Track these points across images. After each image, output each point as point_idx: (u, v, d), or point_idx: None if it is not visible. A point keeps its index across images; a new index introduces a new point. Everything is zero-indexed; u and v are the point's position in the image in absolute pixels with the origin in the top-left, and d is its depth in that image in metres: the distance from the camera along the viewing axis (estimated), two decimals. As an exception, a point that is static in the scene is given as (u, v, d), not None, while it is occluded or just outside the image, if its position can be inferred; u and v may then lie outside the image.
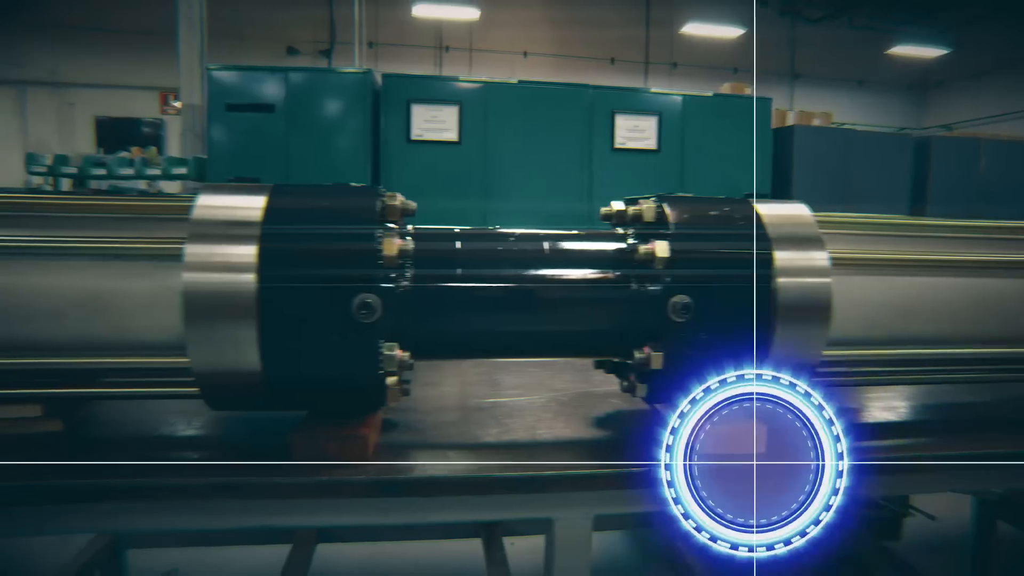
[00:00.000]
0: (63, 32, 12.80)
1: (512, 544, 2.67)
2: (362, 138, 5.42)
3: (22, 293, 1.11)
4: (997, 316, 1.41)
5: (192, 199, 1.12)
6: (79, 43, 12.97)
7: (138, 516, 1.14)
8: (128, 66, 13.01)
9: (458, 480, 1.10)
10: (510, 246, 1.28)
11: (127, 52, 12.93)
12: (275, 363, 1.06)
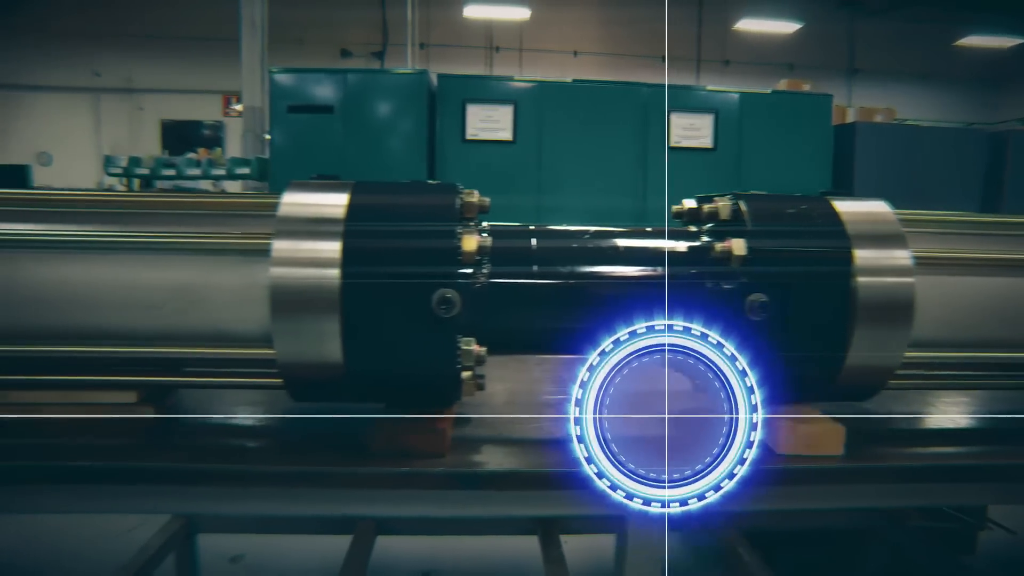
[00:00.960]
0: (136, 41, 13.48)
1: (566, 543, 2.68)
2: (418, 138, 5.51)
3: (122, 285, 1.17)
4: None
5: (278, 196, 1.17)
6: (150, 51, 13.63)
7: (223, 501, 1.18)
8: (193, 71, 13.59)
9: (535, 475, 1.11)
10: (584, 243, 1.28)
11: (192, 58, 13.51)
12: (356, 356, 1.09)
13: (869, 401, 1.38)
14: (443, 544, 3.05)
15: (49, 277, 1.19)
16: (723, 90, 6.26)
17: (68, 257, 1.19)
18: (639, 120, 5.88)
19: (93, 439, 1.22)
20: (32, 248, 1.20)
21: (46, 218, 1.25)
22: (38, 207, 1.29)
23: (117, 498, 1.19)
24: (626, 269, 1.29)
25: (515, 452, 1.21)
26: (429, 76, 5.72)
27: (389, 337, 1.09)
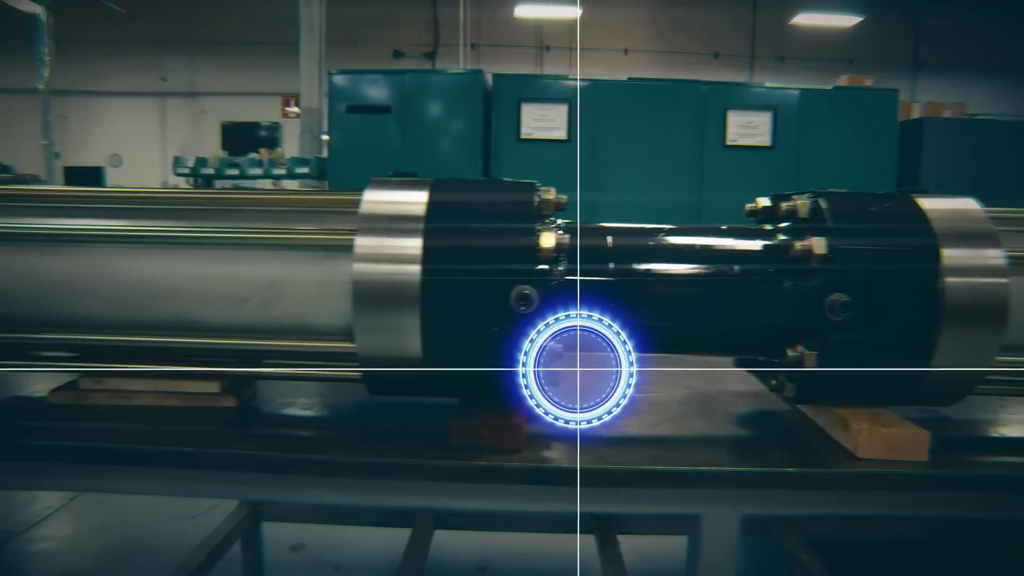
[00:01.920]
0: (200, 47, 14.07)
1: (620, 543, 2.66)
2: (473, 137, 5.56)
3: (210, 279, 1.23)
4: None
5: (359, 194, 1.20)
6: (212, 56, 14.20)
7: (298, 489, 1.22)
8: (252, 74, 14.07)
9: (608, 472, 1.11)
10: (660, 241, 1.27)
11: (252, 62, 13.99)
12: (435, 351, 1.11)
13: (955, 407, 1.33)
14: (497, 540, 3.07)
15: (142, 271, 1.25)
16: (782, 87, 6.11)
17: (160, 252, 1.25)
18: (695, 118, 5.80)
19: (177, 426, 1.27)
20: (127, 243, 1.26)
21: (139, 215, 1.31)
22: (131, 204, 1.35)
23: (195, 483, 1.25)
24: (700, 267, 1.27)
25: (586, 449, 1.21)
26: (484, 76, 5.77)
27: (467, 332, 1.10)
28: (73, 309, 1.28)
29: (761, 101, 5.95)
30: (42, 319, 1.29)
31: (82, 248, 1.27)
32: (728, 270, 1.26)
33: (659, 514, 1.21)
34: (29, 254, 1.28)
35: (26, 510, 3.77)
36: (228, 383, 1.37)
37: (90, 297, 1.27)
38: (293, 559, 3.23)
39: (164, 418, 1.29)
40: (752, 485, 1.15)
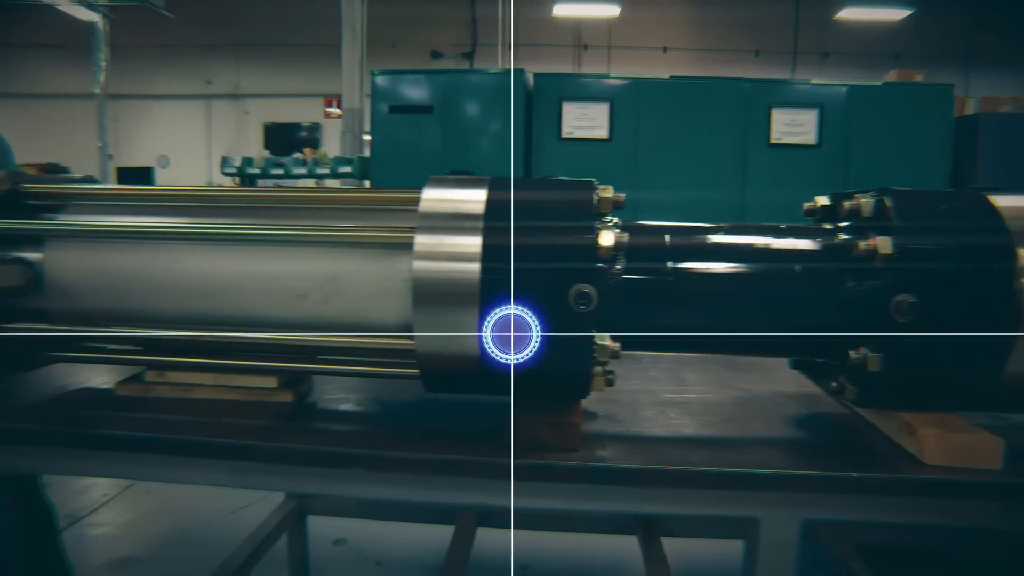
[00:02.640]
0: (244, 50, 14.45)
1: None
2: (515, 136, 5.55)
3: (269, 276, 1.25)
4: None
5: (416, 192, 1.21)
6: (255, 58, 14.57)
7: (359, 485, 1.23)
8: (295, 76, 14.37)
9: (668, 472, 1.10)
10: (718, 239, 1.25)
11: (295, 63, 14.29)
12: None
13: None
14: (540, 539, 3.06)
15: (205, 267, 1.28)
16: (830, 83, 5.95)
17: (222, 249, 1.28)
18: (739, 116, 5.69)
19: (237, 420, 1.29)
20: (191, 241, 1.29)
21: (201, 212, 1.35)
22: (193, 202, 1.39)
23: (253, 476, 1.28)
24: (759, 266, 1.25)
25: (643, 449, 1.20)
26: (525, 75, 5.76)
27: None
28: (138, 304, 1.32)
29: (807, 98, 5.80)
30: (110, 313, 1.33)
31: (147, 245, 1.31)
32: (788, 270, 1.23)
33: (716, 516, 1.19)
34: (98, 251, 1.32)
35: (85, 496, 3.92)
36: (285, 378, 1.39)
37: (155, 292, 1.30)
38: (336, 553, 3.28)
39: (223, 411, 1.32)
40: (813, 489, 1.12)
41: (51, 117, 14.15)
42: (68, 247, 1.32)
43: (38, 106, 14.29)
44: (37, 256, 1.32)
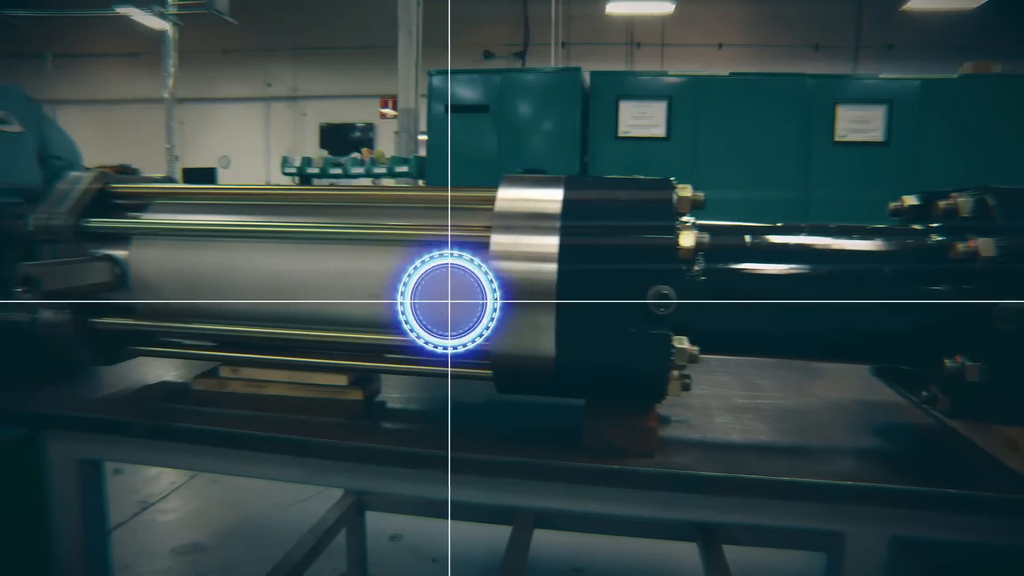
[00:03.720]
0: (302, 53, 14.85)
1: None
2: (571, 135, 5.53)
3: (341, 274, 1.26)
4: None
5: (489, 190, 1.20)
6: (313, 61, 14.96)
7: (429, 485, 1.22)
8: (350, 78, 14.68)
9: (750, 482, 1.06)
10: (800, 240, 1.21)
11: (350, 65, 14.62)
12: (569, 350, 1.09)
13: None
14: (595, 542, 3.03)
15: (279, 265, 1.30)
16: (900, 77, 5.71)
17: (295, 247, 1.29)
18: (801, 113, 5.52)
19: (309, 417, 1.31)
20: (266, 239, 1.31)
21: (274, 211, 1.37)
22: (266, 201, 1.41)
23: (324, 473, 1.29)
24: (846, 267, 1.20)
25: (720, 456, 1.16)
26: (582, 74, 5.73)
27: (603, 333, 1.08)
28: (215, 300, 1.35)
29: (874, 94, 5.57)
30: (188, 310, 1.37)
31: (225, 242, 1.34)
32: (877, 272, 1.17)
33: (799, 528, 1.14)
34: (179, 248, 1.36)
35: (155, 483, 4.08)
36: (355, 377, 1.40)
37: (231, 289, 1.33)
38: (392, 548, 3.32)
39: (295, 408, 1.34)
40: (905, 505, 1.06)
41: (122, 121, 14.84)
42: (151, 245, 1.36)
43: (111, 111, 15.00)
44: (123, 253, 1.37)
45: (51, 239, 1.38)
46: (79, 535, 1.43)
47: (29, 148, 1.92)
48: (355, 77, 14.59)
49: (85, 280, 1.29)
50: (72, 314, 1.35)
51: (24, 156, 1.90)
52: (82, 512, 1.43)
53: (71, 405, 1.38)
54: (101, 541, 1.49)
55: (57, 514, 1.42)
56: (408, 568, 3.19)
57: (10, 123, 1.87)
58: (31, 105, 1.96)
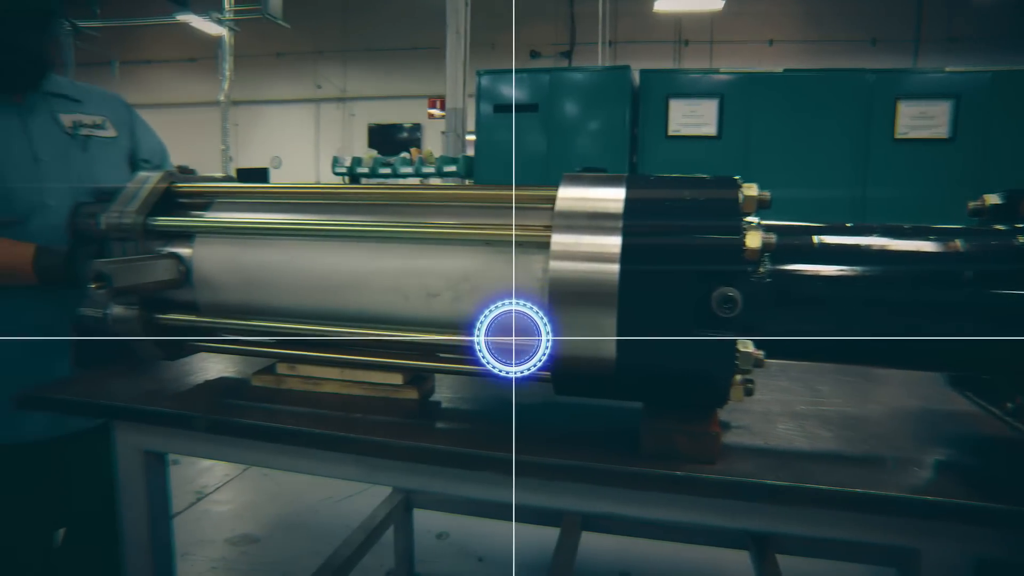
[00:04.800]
0: (351, 55, 15.17)
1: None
2: (620, 134, 5.47)
3: (400, 273, 1.26)
4: None
5: (549, 189, 1.18)
6: (362, 63, 15.25)
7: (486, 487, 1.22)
8: (398, 78, 14.89)
9: (819, 493, 1.02)
10: (872, 241, 1.16)
11: (398, 67, 14.85)
12: (629, 352, 1.07)
13: None
14: (642, 546, 2.99)
15: (336, 263, 1.31)
16: (969, 70, 5.45)
17: (353, 245, 1.30)
18: (860, 109, 5.34)
19: (365, 415, 1.32)
20: (324, 237, 1.32)
21: (332, 210, 1.38)
22: (324, 200, 1.42)
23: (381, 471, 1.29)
24: (922, 268, 1.14)
25: (784, 464, 1.12)
26: (631, 72, 5.66)
27: (665, 334, 1.05)
28: (274, 298, 1.36)
29: (939, 88, 5.33)
30: (248, 307, 1.39)
31: (285, 241, 1.35)
32: (958, 275, 1.12)
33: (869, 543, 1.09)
34: (240, 246, 1.38)
35: (209, 474, 4.20)
36: (410, 376, 1.41)
37: (289, 287, 1.35)
38: (438, 546, 3.35)
39: (351, 407, 1.35)
40: (991, 523, 1.00)
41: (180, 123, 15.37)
42: (214, 243, 1.39)
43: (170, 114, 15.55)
44: (187, 251, 1.40)
45: (121, 237, 1.42)
46: (145, 521, 1.47)
47: (122, 152, 1.98)
48: (402, 78, 14.80)
49: (153, 277, 1.33)
50: (140, 310, 1.39)
51: (117, 159, 1.96)
52: (148, 500, 1.47)
53: (137, 398, 1.42)
54: (165, 528, 1.54)
55: (126, 501, 1.47)
56: (454, 566, 3.21)
57: (106, 128, 1.93)
58: (127, 110, 2.03)
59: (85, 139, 1.87)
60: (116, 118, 1.98)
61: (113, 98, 2.05)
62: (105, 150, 1.92)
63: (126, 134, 2.00)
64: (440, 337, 1.26)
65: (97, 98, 1.99)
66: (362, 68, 15.26)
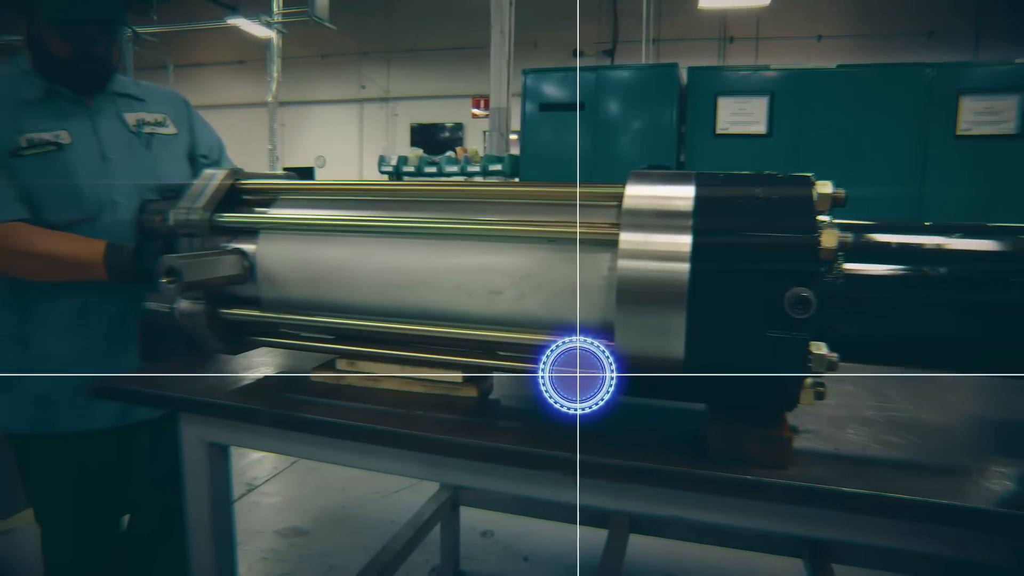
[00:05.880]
0: (394, 56, 15.36)
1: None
2: (667, 133, 5.40)
3: (463, 270, 1.26)
4: None
5: (615, 187, 1.17)
6: (405, 63, 15.44)
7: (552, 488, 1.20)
8: (440, 78, 15.03)
9: (900, 503, 0.98)
10: (956, 242, 1.11)
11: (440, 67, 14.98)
12: (698, 353, 1.05)
13: None
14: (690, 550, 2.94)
15: (399, 260, 1.31)
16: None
17: (417, 242, 1.31)
18: (919, 105, 5.15)
19: (425, 412, 1.32)
20: (386, 234, 1.33)
21: (392, 207, 1.39)
22: (383, 197, 1.43)
23: (441, 469, 1.30)
24: (1000, 268, 1.09)
25: (859, 472, 1.08)
26: (679, 70, 5.58)
27: (735, 336, 1.03)
28: (336, 294, 1.38)
29: (1008, 82, 5.08)
30: (309, 303, 1.41)
31: (345, 237, 1.37)
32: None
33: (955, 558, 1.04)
34: (301, 242, 1.40)
35: (259, 467, 4.29)
36: (469, 374, 1.41)
37: (351, 283, 1.36)
38: (483, 544, 3.35)
39: (411, 404, 1.36)
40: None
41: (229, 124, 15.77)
42: (277, 239, 1.41)
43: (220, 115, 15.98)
44: (251, 247, 1.43)
45: (189, 233, 1.46)
46: (208, 510, 1.51)
47: (182, 148, 2.04)
48: (444, 78, 14.93)
49: (220, 272, 1.36)
50: (206, 304, 1.42)
51: (178, 156, 2.02)
52: (211, 490, 1.51)
53: (202, 391, 1.45)
54: (226, 517, 1.57)
55: (190, 490, 1.51)
56: (500, 565, 3.21)
57: (167, 125, 1.98)
58: (186, 107, 2.09)
59: (148, 137, 1.93)
60: (176, 115, 2.04)
61: (173, 96, 2.11)
62: (167, 147, 1.97)
63: (185, 131, 2.05)
64: (498, 334, 1.25)
65: (158, 96, 2.05)
66: (405, 68, 15.45)
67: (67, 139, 1.77)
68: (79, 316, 1.81)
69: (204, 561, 1.55)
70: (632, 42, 12.11)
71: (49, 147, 1.74)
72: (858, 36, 12.55)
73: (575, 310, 1.16)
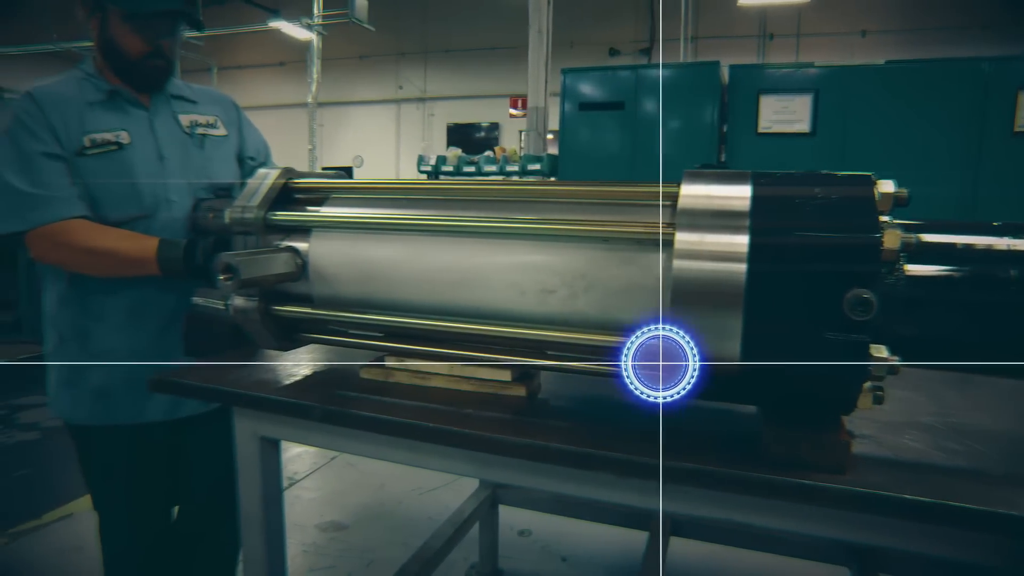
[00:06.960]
0: (431, 56, 15.51)
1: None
2: (708, 132, 5.34)
3: (517, 268, 1.26)
4: None
5: (670, 186, 1.16)
6: (441, 64, 15.55)
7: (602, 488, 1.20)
8: (476, 78, 15.10)
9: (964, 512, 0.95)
10: (1010, 243, 1.07)
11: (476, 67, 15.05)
12: (754, 355, 1.03)
13: None
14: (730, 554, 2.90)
15: (451, 258, 1.32)
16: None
17: (469, 241, 1.31)
18: (973, 102, 4.98)
19: (474, 411, 1.32)
20: (436, 232, 1.34)
21: (443, 206, 1.39)
22: (435, 196, 1.44)
23: (490, 468, 1.30)
24: (1076, 276, 1.05)
25: (920, 478, 1.05)
26: (720, 68, 5.51)
27: (793, 338, 1.01)
28: (388, 292, 1.39)
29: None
30: (359, 300, 1.43)
31: (397, 235, 1.38)
32: (1125, 281, 1.02)
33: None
34: (352, 241, 1.42)
35: (299, 462, 4.36)
36: (518, 373, 1.41)
37: (403, 282, 1.37)
38: (521, 543, 3.36)
39: (460, 402, 1.36)
40: None
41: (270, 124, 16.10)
42: (330, 237, 1.44)
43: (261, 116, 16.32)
44: (304, 245, 1.45)
45: (244, 231, 1.49)
46: (259, 502, 1.54)
47: (231, 149, 2.09)
48: (481, 78, 14.99)
49: (275, 270, 1.38)
50: (260, 301, 1.45)
51: (228, 156, 2.07)
52: (262, 483, 1.54)
53: (254, 386, 1.49)
54: (277, 509, 1.60)
55: (242, 482, 1.54)
56: (538, 565, 3.21)
57: (218, 127, 2.04)
58: (236, 109, 2.14)
59: (201, 138, 1.99)
60: (226, 117, 2.09)
61: (223, 99, 2.16)
62: (218, 148, 2.03)
63: (235, 132, 2.11)
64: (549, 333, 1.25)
65: (210, 99, 2.10)
66: (442, 69, 15.56)
67: (127, 139, 1.83)
68: (135, 311, 1.87)
69: (255, 552, 1.59)
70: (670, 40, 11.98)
71: (111, 147, 1.80)
72: (905, 31, 12.17)
73: (627, 310, 1.15)
